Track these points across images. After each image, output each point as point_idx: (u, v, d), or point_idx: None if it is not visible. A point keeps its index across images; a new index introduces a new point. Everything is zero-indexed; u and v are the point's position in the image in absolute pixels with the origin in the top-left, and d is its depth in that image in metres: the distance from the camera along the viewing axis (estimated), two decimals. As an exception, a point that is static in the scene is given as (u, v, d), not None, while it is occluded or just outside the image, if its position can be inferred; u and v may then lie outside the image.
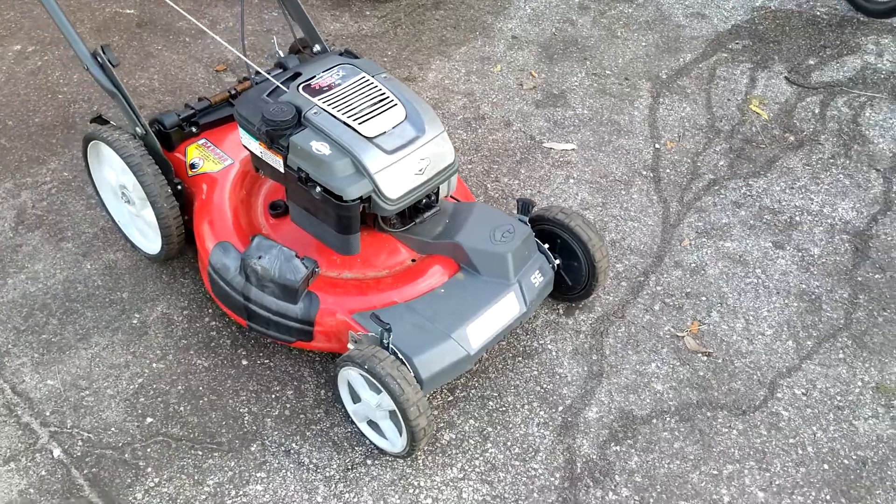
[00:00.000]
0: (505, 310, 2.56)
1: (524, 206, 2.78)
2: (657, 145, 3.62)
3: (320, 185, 2.39)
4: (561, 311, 2.94)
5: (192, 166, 2.87)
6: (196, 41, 4.14)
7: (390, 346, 2.38)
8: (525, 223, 2.70)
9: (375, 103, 2.47)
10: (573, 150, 3.58)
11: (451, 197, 2.77)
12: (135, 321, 2.89)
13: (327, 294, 2.54)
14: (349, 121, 2.41)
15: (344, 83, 2.52)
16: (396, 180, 2.41)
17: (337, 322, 2.53)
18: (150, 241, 3.00)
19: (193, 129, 2.94)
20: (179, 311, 2.92)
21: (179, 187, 2.84)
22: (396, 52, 4.11)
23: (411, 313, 2.50)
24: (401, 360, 2.37)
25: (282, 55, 3.04)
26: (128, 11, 4.32)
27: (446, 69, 4.01)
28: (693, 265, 3.12)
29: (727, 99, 3.87)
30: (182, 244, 2.88)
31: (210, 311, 2.91)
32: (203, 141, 2.94)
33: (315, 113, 2.43)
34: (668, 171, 3.50)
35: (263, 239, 2.57)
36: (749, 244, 3.20)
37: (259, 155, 2.55)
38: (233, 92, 3.05)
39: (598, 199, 3.37)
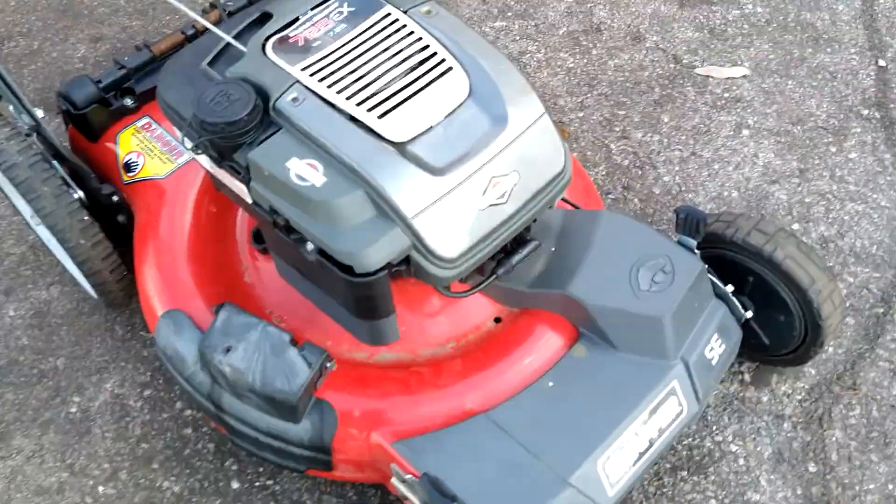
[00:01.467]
0: (663, 415, 1.53)
1: (690, 221, 1.62)
2: (881, 62, 2.34)
3: (312, 243, 1.26)
4: (746, 377, 1.80)
5: (129, 167, 1.79)
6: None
7: (463, 512, 1.37)
8: (692, 251, 1.58)
9: (410, 69, 1.31)
10: (744, 76, 2.37)
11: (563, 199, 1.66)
12: (73, 409, 1.90)
13: (350, 399, 1.53)
14: (360, 111, 1.28)
15: (349, 32, 1.39)
16: (456, 224, 1.31)
17: (369, 447, 1.53)
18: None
19: (128, 102, 1.83)
20: (137, 390, 1.91)
21: (116, 198, 1.78)
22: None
23: (499, 438, 1.52)
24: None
25: None
26: None
27: (535, -50, 2.75)
28: (971, 283, 1.89)
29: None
30: (129, 287, 1.84)
31: (182, 391, 1.88)
32: (145, 121, 1.86)
33: (294, 99, 1.30)
34: (904, 105, 2.24)
35: (235, 312, 1.52)
36: None
37: (210, 171, 1.43)
38: (190, 32, 1.89)
39: (792, 162, 2.17)
